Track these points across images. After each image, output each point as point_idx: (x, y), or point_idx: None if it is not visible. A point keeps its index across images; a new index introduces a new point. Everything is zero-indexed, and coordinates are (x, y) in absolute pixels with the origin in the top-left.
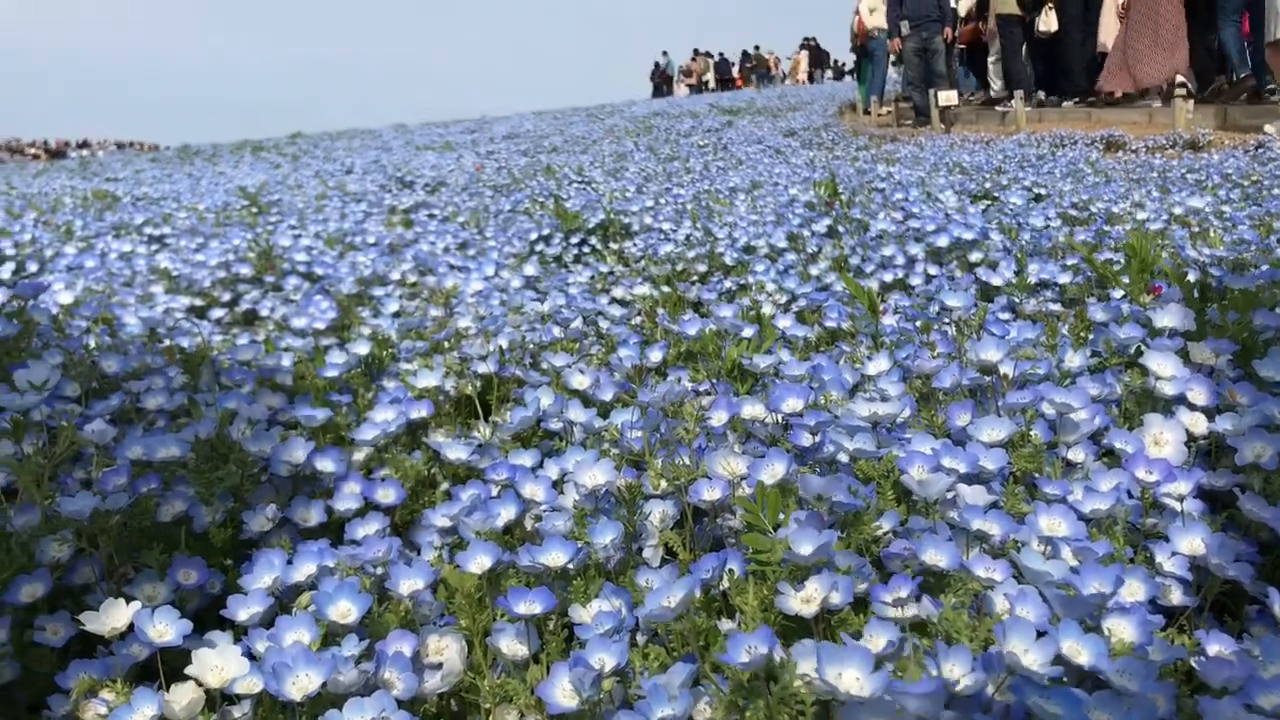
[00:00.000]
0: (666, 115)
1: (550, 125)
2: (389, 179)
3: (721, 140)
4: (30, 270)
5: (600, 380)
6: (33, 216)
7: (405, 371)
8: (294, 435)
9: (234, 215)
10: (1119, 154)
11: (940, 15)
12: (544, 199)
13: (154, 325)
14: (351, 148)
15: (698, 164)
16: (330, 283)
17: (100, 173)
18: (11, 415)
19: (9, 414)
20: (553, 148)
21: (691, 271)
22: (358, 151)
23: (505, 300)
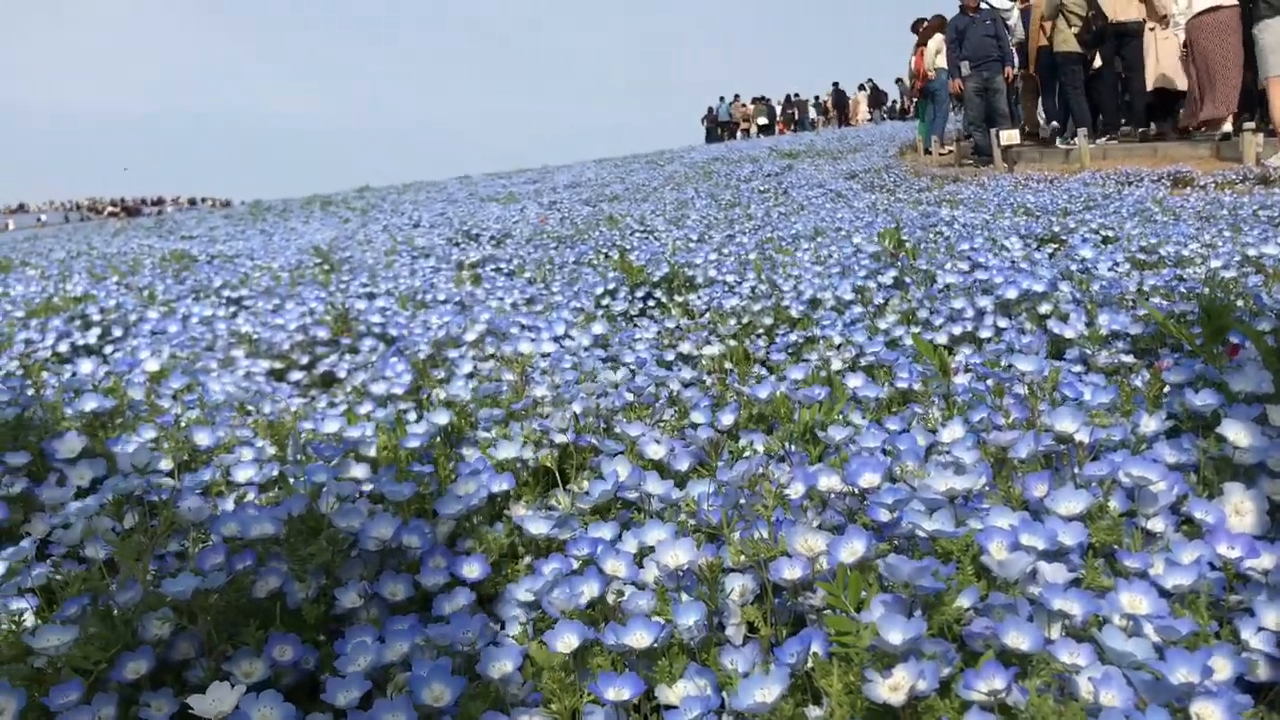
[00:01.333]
0: (726, 160)
1: (611, 173)
2: (455, 232)
3: (782, 184)
4: (115, 335)
5: (676, 450)
6: (115, 279)
7: (484, 441)
8: (380, 510)
9: (307, 273)
10: (1187, 190)
11: (1000, 54)
12: (607, 250)
13: (241, 399)
14: (418, 201)
15: (759, 210)
16: (404, 344)
17: (175, 230)
18: (114, 493)
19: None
20: (614, 196)
21: (757, 324)
22: (424, 205)
23: (577, 364)
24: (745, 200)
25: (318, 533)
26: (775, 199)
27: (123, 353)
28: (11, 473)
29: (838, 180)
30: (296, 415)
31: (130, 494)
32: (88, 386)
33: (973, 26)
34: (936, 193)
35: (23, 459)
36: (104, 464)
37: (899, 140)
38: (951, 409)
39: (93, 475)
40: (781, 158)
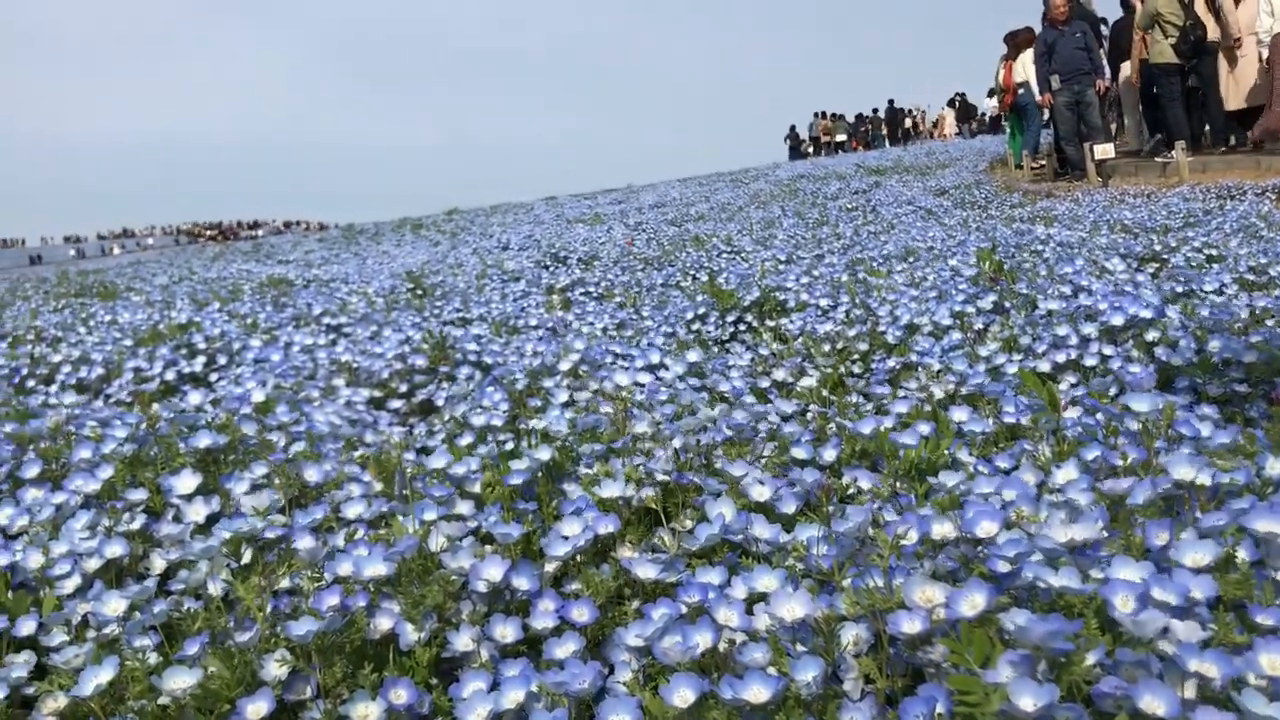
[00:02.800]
0: (811, 177)
1: (695, 192)
2: (543, 255)
3: (870, 202)
4: (220, 362)
5: (781, 492)
6: (217, 306)
7: (586, 478)
8: (490, 551)
9: (401, 298)
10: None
11: (1092, 67)
12: (695, 271)
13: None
14: (505, 223)
15: (847, 229)
16: (500, 373)
17: (272, 255)
18: (233, 534)
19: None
20: (699, 215)
21: (852, 350)
22: (511, 227)
23: (674, 396)
24: (833, 219)
25: (428, 572)
26: (864, 217)
27: (227, 380)
28: (130, 508)
29: (927, 197)
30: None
31: (250, 536)
32: (201, 422)
33: (1062, 40)
34: (1029, 209)
35: (141, 495)
36: (218, 500)
37: (988, 155)
38: (1061, 445)
39: (208, 512)
40: (869, 174)
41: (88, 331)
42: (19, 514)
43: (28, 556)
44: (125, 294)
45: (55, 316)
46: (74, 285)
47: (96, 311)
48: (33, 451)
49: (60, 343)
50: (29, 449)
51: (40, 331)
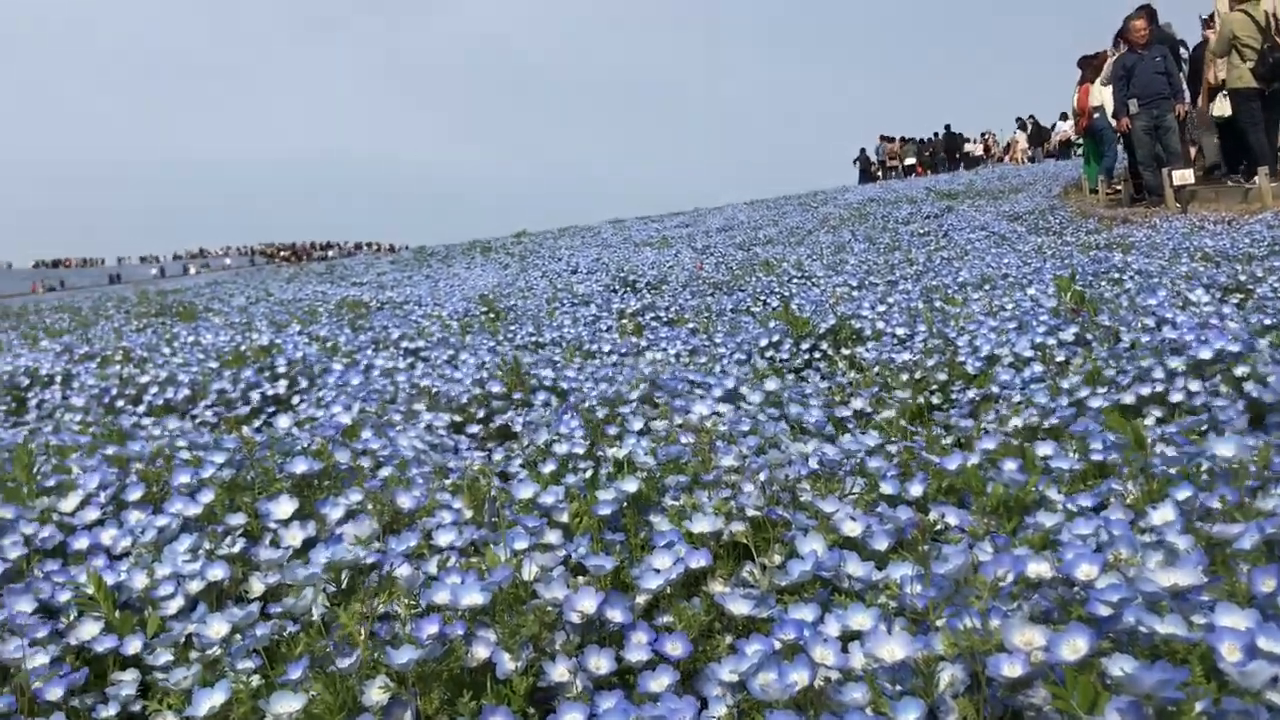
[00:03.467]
0: (882, 201)
1: (763, 215)
2: (613, 279)
3: (942, 227)
4: (301, 385)
5: (872, 529)
6: (296, 328)
7: (673, 510)
8: (583, 583)
9: (475, 321)
10: None
11: (1171, 91)
12: (765, 297)
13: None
14: (573, 246)
15: (920, 254)
16: (577, 400)
17: (345, 276)
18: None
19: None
20: (768, 239)
21: (931, 380)
22: (579, 250)
23: (756, 428)
24: (905, 244)
25: (521, 601)
26: (936, 242)
27: (308, 403)
28: (230, 532)
29: (1000, 222)
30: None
31: (351, 564)
32: (296, 448)
33: (1141, 63)
34: (1106, 235)
35: (240, 519)
36: (314, 525)
37: (1062, 179)
38: (1150, 484)
39: (304, 536)
40: (940, 198)
41: (172, 353)
42: (123, 535)
43: (133, 577)
44: (205, 314)
45: (139, 337)
46: (154, 305)
47: (179, 332)
48: (134, 474)
49: (146, 363)
50: (130, 472)
51: (128, 352)
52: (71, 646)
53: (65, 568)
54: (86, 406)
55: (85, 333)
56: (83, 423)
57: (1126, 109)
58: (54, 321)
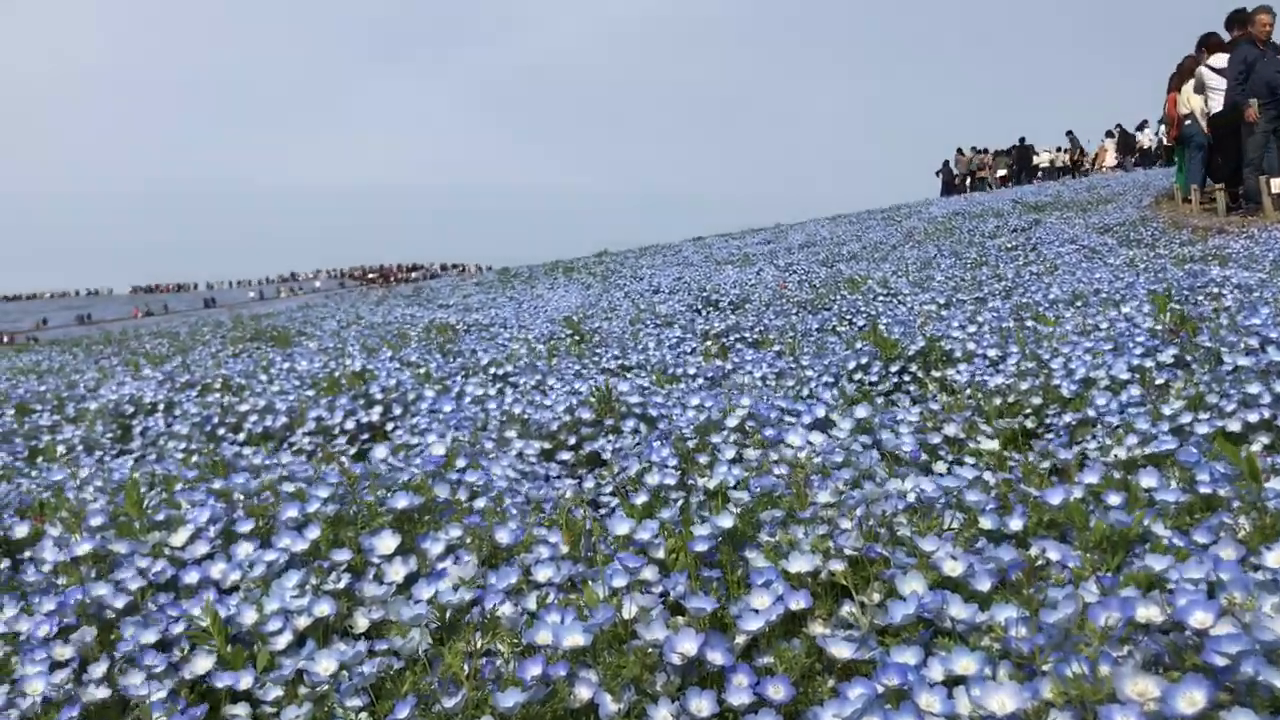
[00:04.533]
0: (967, 215)
1: (846, 231)
2: (695, 298)
3: (1030, 240)
4: (396, 413)
5: (974, 568)
6: (388, 353)
7: (768, 547)
8: (683, 623)
9: (561, 344)
10: None
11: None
12: (851, 316)
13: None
14: (654, 265)
15: (1008, 270)
16: (667, 428)
17: (432, 299)
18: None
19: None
20: (851, 255)
21: (1025, 404)
22: (660, 269)
23: (849, 458)
24: (993, 259)
25: (621, 640)
26: (1024, 257)
27: (404, 430)
28: (335, 568)
29: (1090, 235)
30: (577, 499)
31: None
32: (397, 482)
33: (1263, 61)
34: (1201, 247)
35: (345, 555)
36: (415, 560)
37: (1153, 189)
38: (1264, 519)
39: (406, 572)
40: (1028, 211)
41: (269, 380)
42: (231, 569)
43: (243, 612)
44: (298, 338)
45: (237, 364)
46: (249, 329)
47: (275, 359)
48: (241, 509)
49: (245, 390)
50: (237, 506)
51: (227, 380)
52: (186, 680)
53: (177, 601)
54: (189, 435)
55: (184, 359)
56: (186, 451)
57: (1246, 101)
58: (154, 347)
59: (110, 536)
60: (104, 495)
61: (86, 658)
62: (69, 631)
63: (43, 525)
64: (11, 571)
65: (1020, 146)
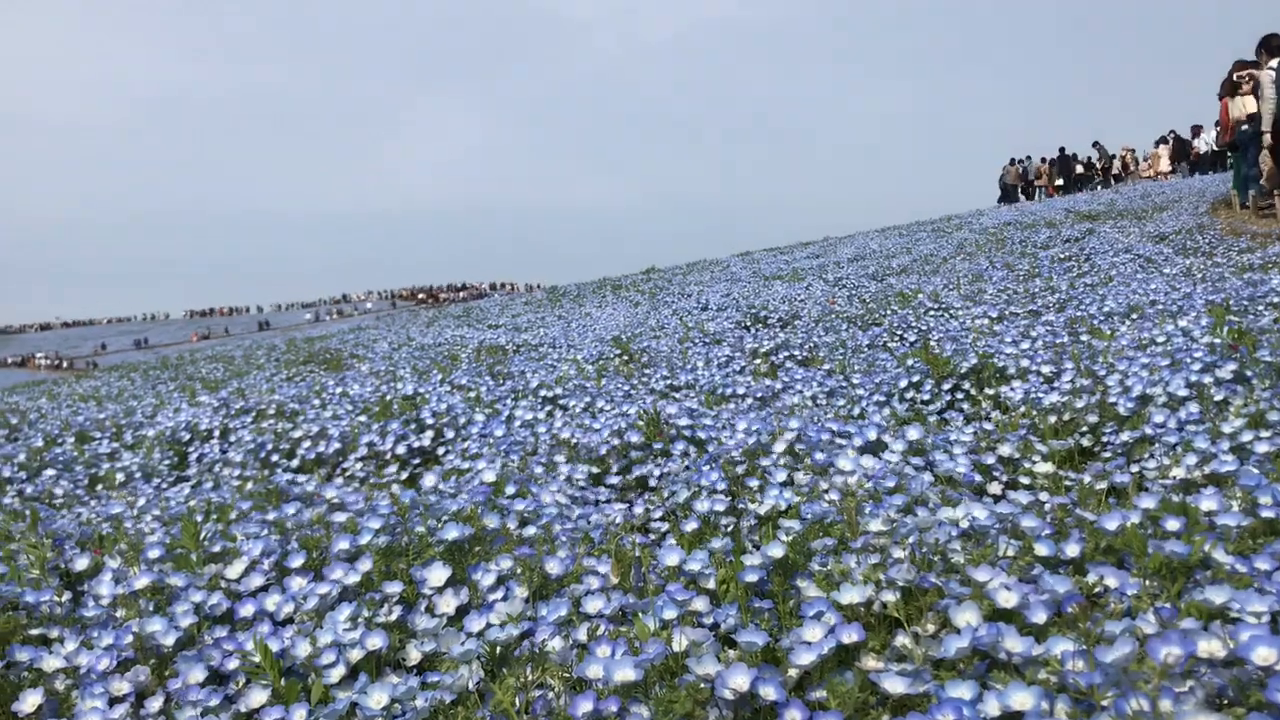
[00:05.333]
0: (1019, 225)
1: (896, 243)
2: (744, 315)
3: (1084, 250)
4: (447, 437)
5: (1030, 600)
6: (438, 377)
7: (820, 576)
8: (734, 657)
9: (609, 365)
10: None
11: None
12: (902, 331)
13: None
14: (702, 281)
15: (1062, 281)
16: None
17: (481, 319)
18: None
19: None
20: (901, 269)
21: (1080, 422)
22: (708, 285)
23: (901, 484)
24: (1045, 271)
25: (672, 674)
26: (1078, 268)
27: (454, 454)
28: (386, 600)
29: (1145, 244)
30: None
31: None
32: (447, 512)
33: None
34: (1260, 255)
35: (396, 588)
36: (466, 592)
37: (1209, 195)
38: None
39: (458, 604)
40: (1081, 220)
41: (321, 404)
42: (285, 601)
43: (297, 645)
44: (350, 360)
45: (290, 388)
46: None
47: (327, 384)
48: (294, 540)
49: (298, 415)
50: (290, 538)
51: (280, 406)
52: (241, 714)
53: (233, 634)
54: (244, 462)
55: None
56: (241, 478)
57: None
58: (209, 371)
59: (167, 570)
60: (161, 527)
61: (144, 692)
62: (129, 665)
63: (102, 558)
64: (73, 605)
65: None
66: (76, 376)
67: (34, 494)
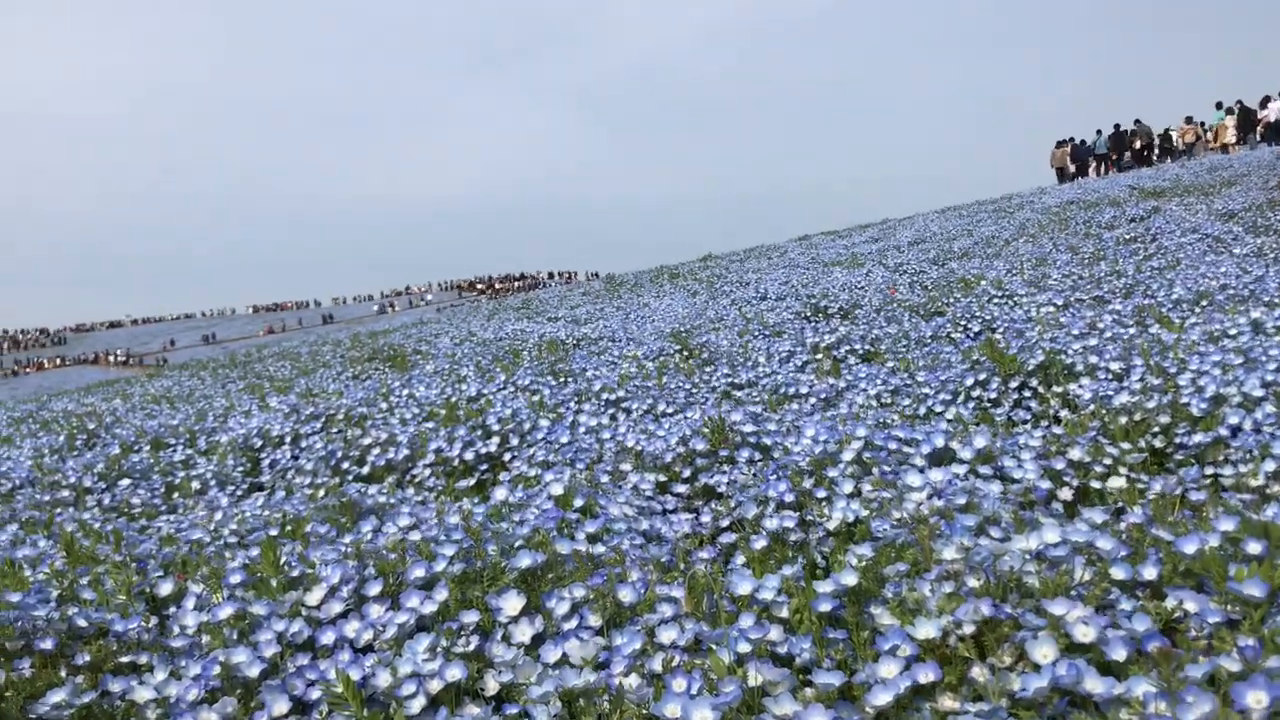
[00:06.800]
0: (1082, 204)
1: (956, 225)
2: (803, 305)
3: (1149, 230)
4: (513, 443)
5: (1108, 636)
6: (502, 377)
7: (894, 604)
8: (811, 696)
9: (669, 361)
10: None
11: None
12: (966, 321)
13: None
14: (760, 268)
15: (1128, 264)
16: (781, 458)
17: (541, 311)
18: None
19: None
20: (963, 252)
21: (1152, 423)
22: (766, 272)
23: (972, 501)
24: (1110, 253)
25: (749, 708)
26: (1144, 249)
27: (521, 460)
28: (464, 630)
29: (1213, 222)
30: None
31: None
32: (518, 536)
33: None
34: None
35: (473, 617)
36: (541, 620)
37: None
38: None
39: (533, 632)
40: (1145, 197)
41: (389, 409)
42: (364, 628)
43: (377, 675)
44: (414, 357)
45: (358, 392)
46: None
47: (393, 385)
48: (372, 566)
49: (366, 420)
50: (368, 563)
51: (349, 411)
52: None
53: (314, 661)
54: (315, 469)
55: (306, 382)
56: (313, 485)
57: None
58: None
59: (249, 598)
60: (241, 551)
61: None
62: (216, 695)
63: (185, 582)
64: (159, 629)
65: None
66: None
67: (112, 504)
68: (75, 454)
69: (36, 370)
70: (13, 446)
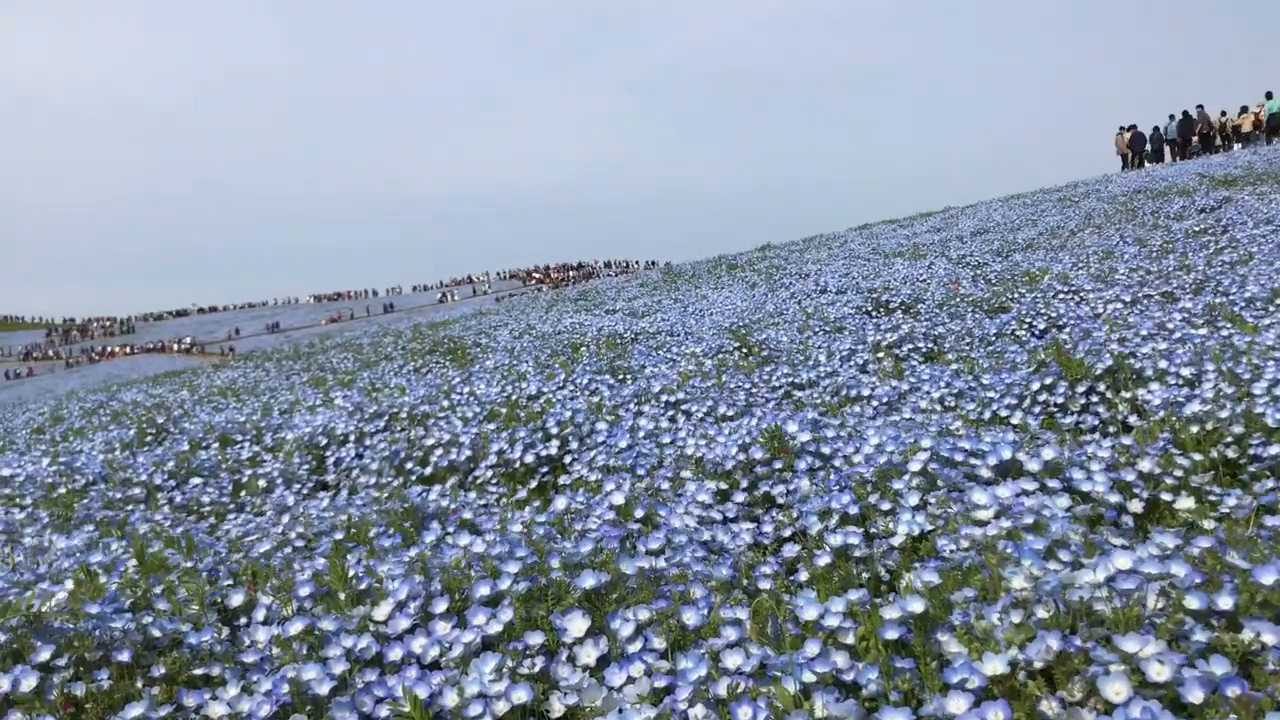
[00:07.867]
0: (1149, 193)
1: (1020, 214)
2: (864, 299)
3: (1220, 221)
4: (572, 446)
5: (1183, 676)
6: (562, 375)
7: (961, 631)
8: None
9: (729, 359)
10: None
11: None
12: (1031, 319)
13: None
14: (819, 259)
15: (1198, 259)
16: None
17: (599, 303)
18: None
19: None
20: (1027, 244)
21: (1224, 433)
22: (825, 263)
23: (1040, 520)
24: (1179, 246)
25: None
26: (1215, 242)
27: (580, 464)
28: (529, 652)
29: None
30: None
31: None
32: (582, 555)
33: None
34: None
35: (538, 638)
36: (605, 642)
37: None
38: None
39: (598, 654)
40: (1216, 186)
41: (450, 407)
42: (431, 645)
43: (445, 694)
44: (474, 350)
45: (420, 389)
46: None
47: (454, 382)
48: (438, 582)
49: (429, 419)
50: (434, 579)
51: (412, 410)
52: None
53: (382, 677)
54: (379, 469)
55: (369, 375)
56: (378, 485)
57: None
58: (339, 361)
59: (318, 613)
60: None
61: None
62: (287, 711)
63: (255, 594)
64: (230, 642)
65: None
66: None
67: (183, 502)
68: (145, 448)
69: (106, 358)
70: (85, 439)
